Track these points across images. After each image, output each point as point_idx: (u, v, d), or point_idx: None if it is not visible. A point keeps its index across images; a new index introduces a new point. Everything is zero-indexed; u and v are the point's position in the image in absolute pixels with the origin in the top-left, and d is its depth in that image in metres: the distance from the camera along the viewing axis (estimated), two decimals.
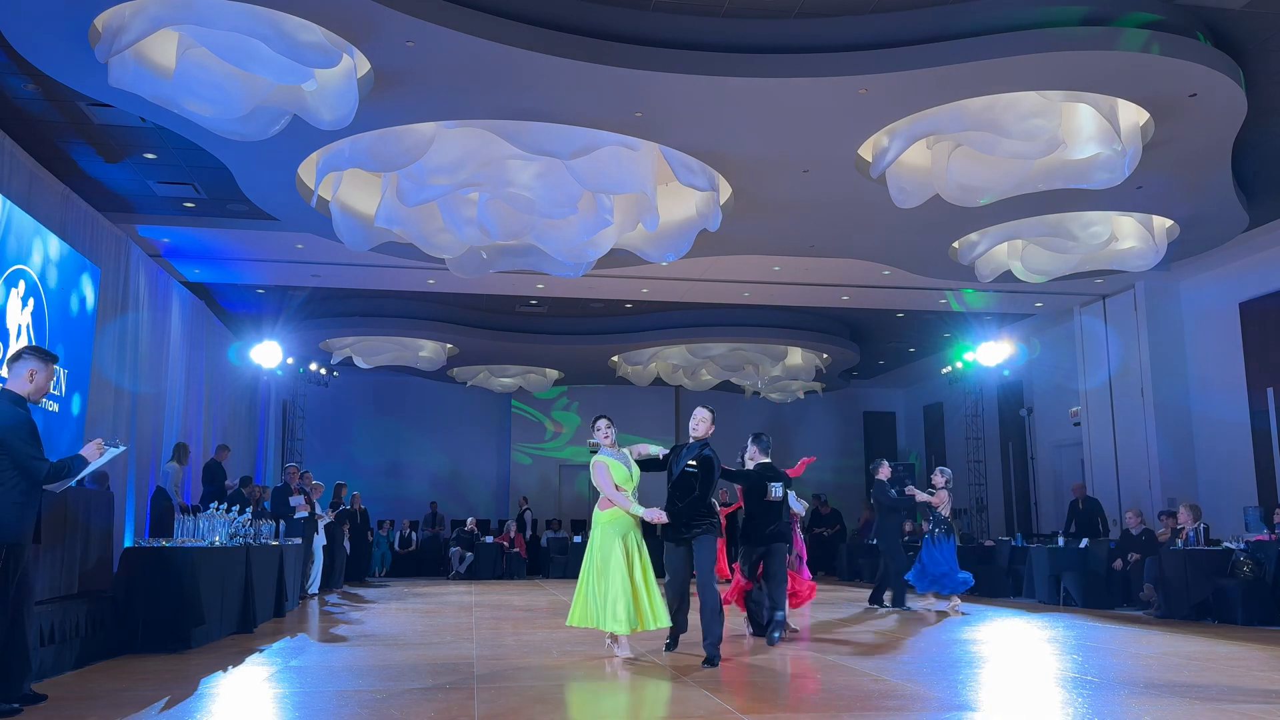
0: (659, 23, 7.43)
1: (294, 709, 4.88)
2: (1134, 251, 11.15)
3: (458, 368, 18.73)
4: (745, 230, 10.97)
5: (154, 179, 10.04)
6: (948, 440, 20.01)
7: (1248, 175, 10.08)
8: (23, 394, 4.80)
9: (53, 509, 6.10)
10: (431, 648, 7.10)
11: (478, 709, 4.66)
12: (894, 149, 8.32)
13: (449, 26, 6.74)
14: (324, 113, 7.26)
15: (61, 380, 9.02)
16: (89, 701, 4.98)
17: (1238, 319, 12.40)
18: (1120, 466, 13.66)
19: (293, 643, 7.52)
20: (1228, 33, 7.64)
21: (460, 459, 20.87)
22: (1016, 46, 7.23)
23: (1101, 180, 8.59)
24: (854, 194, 9.94)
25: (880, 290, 13.97)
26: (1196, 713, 4.58)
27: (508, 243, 10.10)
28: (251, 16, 6.43)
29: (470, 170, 8.55)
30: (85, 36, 6.72)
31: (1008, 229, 10.84)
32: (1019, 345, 15.67)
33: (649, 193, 8.73)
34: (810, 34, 7.54)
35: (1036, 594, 11.63)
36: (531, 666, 6.19)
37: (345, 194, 9.68)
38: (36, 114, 8.48)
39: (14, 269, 8.26)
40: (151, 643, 6.76)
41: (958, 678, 5.73)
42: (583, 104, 7.98)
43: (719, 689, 5.24)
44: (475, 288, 13.77)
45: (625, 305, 15.49)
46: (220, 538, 7.90)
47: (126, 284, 10.98)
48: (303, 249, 11.89)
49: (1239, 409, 12.14)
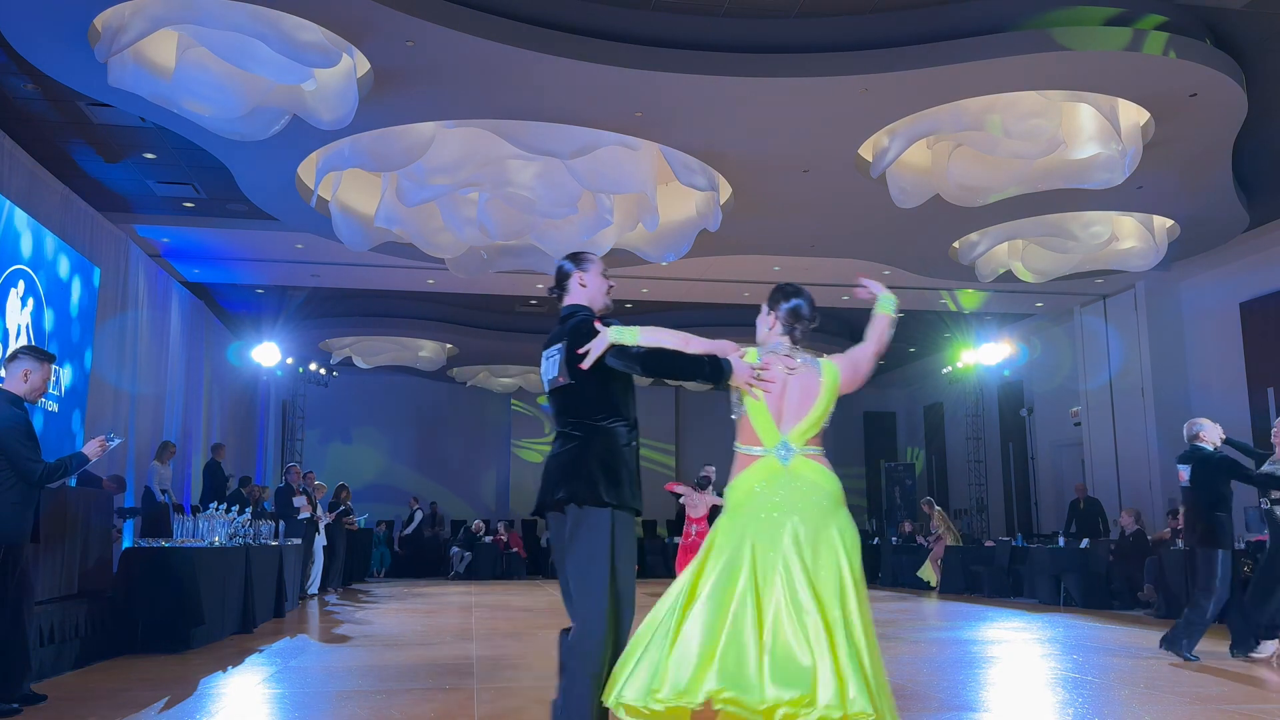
0: (659, 23, 7.43)
1: (294, 709, 4.88)
2: (1134, 251, 11.15)
3: (458, 368, 18.73)
4: (745, 230, 10.97)
5: (154, 179, 10.04)
6: (948, 440, 20.00)
7: (1248, 175, 10.07)
8: (19, 394, 4.79)
9: (52, 509, 6.09)
10: (431, 648, 7.09)
11: (478, 709, 4.66)
12: (894, 149, 8.32)
13: (449, 26, 6.74)
14: (324, 113, 7.26)
15: (60, 380, 9.02)
16: (89, 701, 4.98)
17: (1238, 319, 12.39)
18: (1120, 466, 13.66)
19: (293, 643, 7.52)
20: (1228, 33, 7.64)
21: (460, 459, 20.86)
22: (1016, 46, 7.23)
23: (1101, 180, 8.59)
24: (854, 194, 9.94)
25: None
26: (1196, 713, 4.58)
27: (508, 243, 10.10)
28: (251, 16, 6.43)
29: (470, 170, 8.55)
30: (85, 36, 6.72)
31: (1008, 229, 10.85)
32: (1019, 345, 15.66)
33: (649, 193, 8.73)
34: (810, 34, 7.54)
35: (1037, 594, 11.62)
36: (531, 666, 6.18)
37: (345, 194, 9.68)
38: (36, 114, 8.47)
39: (13, 269, 8.26)
40: (151, 643, 6.75)
41: (958, 678, 5.72)
42: (583, 104, 7.98)
43: None
44: (475, 288, 13.77)
45: (625, 305, 15.49)
46: (220, 538, 7.90)
47: (126, 284, 10.97)
48: (303, 249, 11.89)
49: (1239, 409, 12.12)
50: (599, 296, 3.48)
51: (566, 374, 3.30)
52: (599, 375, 3.26)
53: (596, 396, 3.30)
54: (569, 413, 3.35)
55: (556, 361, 3.36)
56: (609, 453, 3.27)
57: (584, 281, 3.46)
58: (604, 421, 3.30)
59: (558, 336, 3.41)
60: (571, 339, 3.29)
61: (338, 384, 19.21)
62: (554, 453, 3.37)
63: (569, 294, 3.46)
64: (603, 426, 3.30)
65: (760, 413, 3.16)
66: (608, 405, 3.31)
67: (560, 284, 3.48)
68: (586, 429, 3.30)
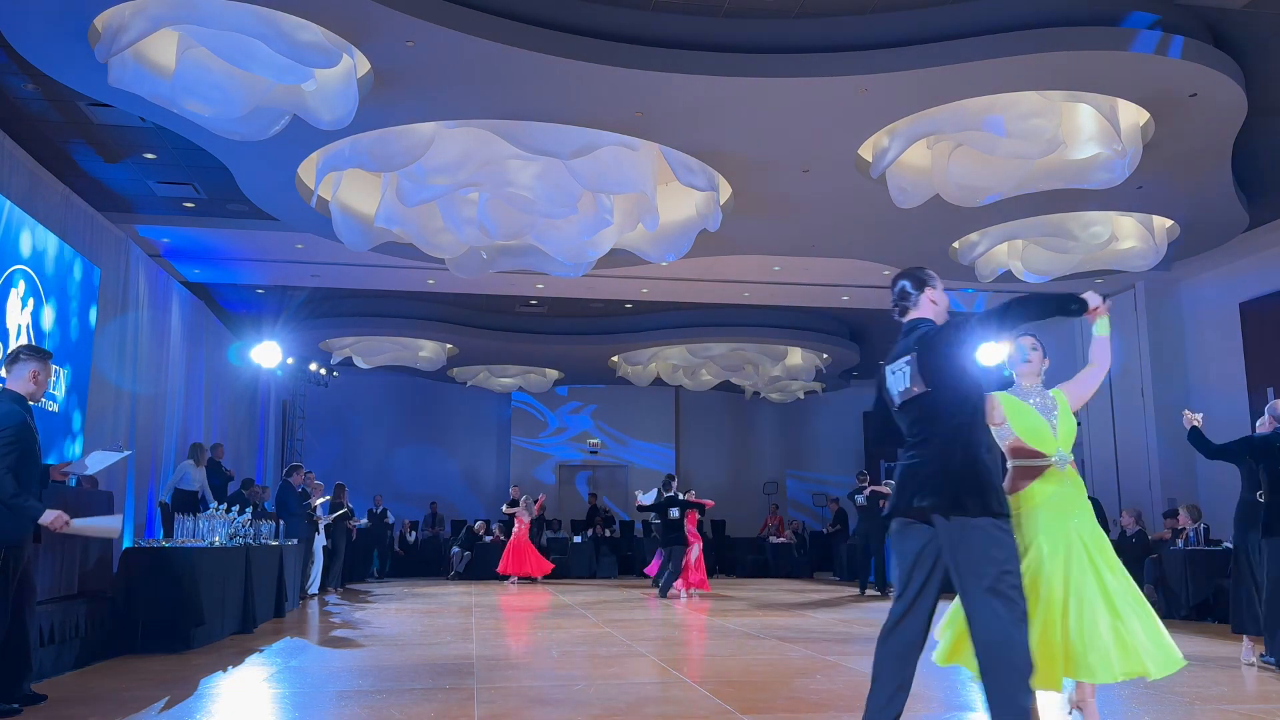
0: (659, 23, 7.43)
1: (294, 709, 4.88)
2: (1134, 251, 11.16)
3: (458, 368, 18.73)
4: (745, 230, 10.97)
5: (154, 179, 10.04)
6: None
7: (1248, 175, 10.08)
8: (24, 394, 4.79)
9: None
10: (431, 648, 7.09)
11: (478, 709, 4.66)
12: (894, 149, 8.32)
13: (449, 26, 6.74)
14: (324, 113, 7.26)
15: (61, 380, 9.03)
16: (89, 701, 4.98)
17: (1238, 319, 12.39)
18: (1120, 466, 13.66)
19: (293, 643, 7.52)
20: (1228, 33, 7.64)
21: (460, 459, 20.86)
22: (1016, 46, 7.23)
23: (1101, 180, 8.59)
24: (854, 194, 9.94)
25: (880, 290, 13.97)
26: (1196, 713, 4.58)
27: (508, 243, 10.10)
28: (251, 16, 6.43)
29: (470, 170, 8.55)
30: (85, 36, 6.72)
31: (1008, 229, 10.85)
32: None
33: (649, 193, 8.73)
34: (810, 34, 7.54)
35: None
36: (531, 666, 6.18)
37: (345, 194, 9.68)
38: (36, 114, 8.48)
39: (14, 269, 8.26)
40: (151, 643, 6.75)
41: (958, 678, 5.72)
42: (583, 104, 7.98)
43: (720, 689, 5.24)
44: (475, 288, 13.77)
45: (625, 305, 15.50)
46: (220, 538, 7.90)
47: (126, 284, 10.97)
48: (303, 249, 11.90)
49: (1239, 409, 12.11)
50: (943, 312, 3.61)
51: (921, 383, 3.36)
52: (954, 382, 3.34)
53: (953, 403, 3.34)
54: (925, 421, 3.39)
55: (907, 373, 3.42)
56: (970, 460, 3.28)
57: (935, 299, 3.59)
58: (962, 429, 3.33)
59: (905, 349, 3.48)
60: (922, 349, 3.40)
61: (338, 384, 19.21)
62: (910, 462, 3.40)
63: (918, 309, 3.57)
64: (961, 434, 3.32)
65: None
66: (964, 412, 3.35)
67: (905, 299, 3.60)
68: (944, 437, 3.32)
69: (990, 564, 3.20)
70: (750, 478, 21.22)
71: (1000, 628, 3.15)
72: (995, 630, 3.16)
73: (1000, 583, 3.18)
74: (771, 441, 21.98)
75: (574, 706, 4.78)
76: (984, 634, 3.19)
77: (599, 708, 4.74)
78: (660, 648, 7.03)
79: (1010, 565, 3.23)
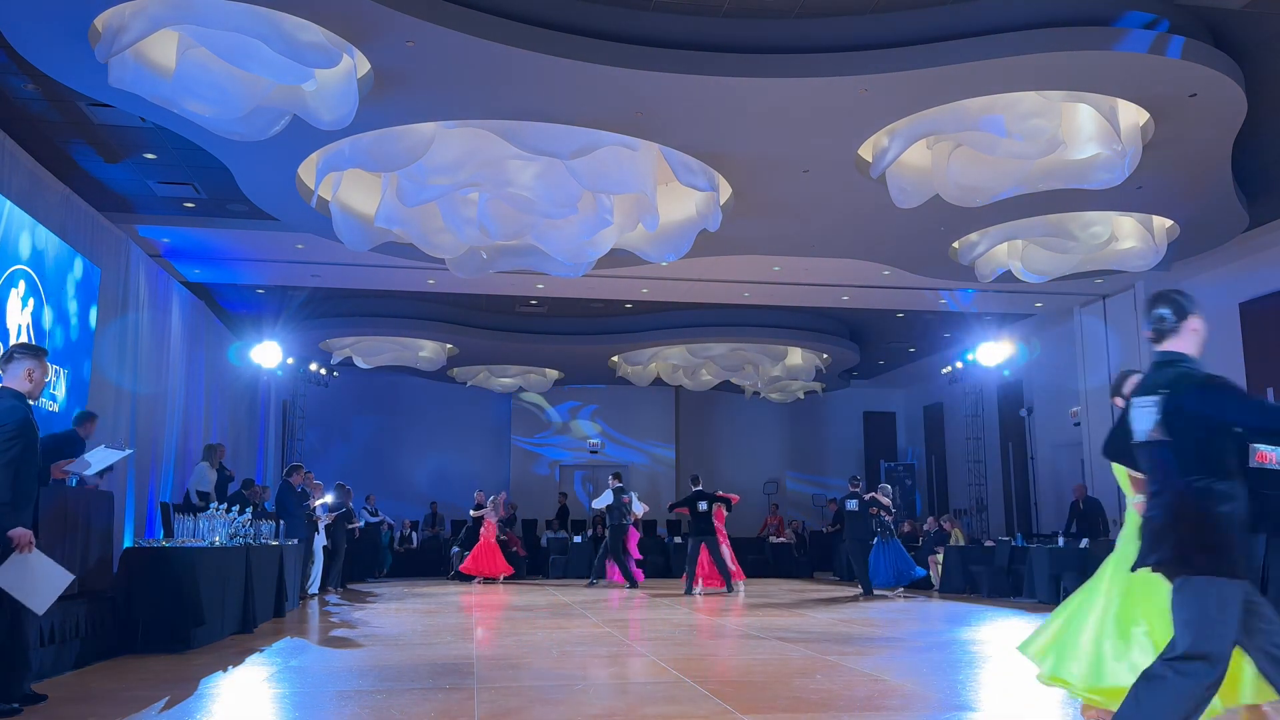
0: (659, 23, 7.43)
1: (294, 709, 4.88)
2: (1134, 251, 11.15)
3: (458, 368, 18.73)
4: (745, 230, 10.97)
5: (154, 179, 10.04)
6: (948, 440, 20.01)
7: (1248, 175, 10.07)
8: (23, 391, 4.79)
9: (53, 509, 6.09)
10: (431, 648, 7.09)
11: (478, 709, 4.66)
12: (894, 149, 8.32)
13: (449, 26, 6.74)
14: (324, 113, 7.26)
15: (61, 380, 9.03)
16: (89, 701, 4.98)
17: (1238, 319, 12.39)
18: None
19: (293, 643, 7.52)
20: (1228, 33, 7.64)
21: (460, 459, 20.86)
22: (1016, 46, 7.22)
23: (1101, 180, 8.59)
24: (854, 194, 9.94)
25: (880, 290, 13.98)
26: None
27: (508, 243, 10.10)
28: (251, 16, 6.43)
29: (470, 170, 8.56)
30: (85, 36, 6.72)
31: (1008, 229, 10.84)
32: (1019, 345, 15.67)
33: (649, 193, 8.73)
34: (810, 34, 7.54)
35: (1037, 594, 11.63)
36: (531, 666, 6.19)
37: (345, 194, 9.69)
38: (36, 114, 8.48)
39: (14, 269, 8.26)
40: (151, 643, 6.76)
41: (958, 678, 5.73)
42: (583, 104, 7.98)
43: (720, 689, 5.25)
44: (475, 288, 13.77)
45: (625, 305, 15.49)
46: (220, 538, 7.90)
47: (126, 284, 10.97)
48: (303, 249, 11.90)
49: None
50: (1202, 342, 3.22)
51: (1163, 430, 3.07)
52: (1199, 431, 3.03)
53: (1194, 454, 3.05)
54: (1161, 470, 3.16)
55: (1152, 414, 3.12)
56: (1201, 515, 3.00)
57: (1196, 327, 3.21)
58: (1198, 482, 3.04)
59: (1155, 385, 3.14)
60: (1174, 390, 3.05)
61: (338, 384, 19.21)
62: (1148, 515, 3.18)
63: (1177, 337, 3.20)
64: (1196, 487, 3.04)
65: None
66: (1206, 464, 3.05)
67: (1164, 325, 3.21)
68: (1178, 490, 3.07)
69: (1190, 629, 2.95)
70: (750, 478, 21.23)
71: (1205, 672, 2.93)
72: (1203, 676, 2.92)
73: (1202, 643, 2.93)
74: (771, 441, 21.99)
75: (574, 706, 4.78)
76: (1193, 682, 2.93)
77: (599, 708, 4.74)
78: (660, 648, 7.03)
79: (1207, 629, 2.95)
